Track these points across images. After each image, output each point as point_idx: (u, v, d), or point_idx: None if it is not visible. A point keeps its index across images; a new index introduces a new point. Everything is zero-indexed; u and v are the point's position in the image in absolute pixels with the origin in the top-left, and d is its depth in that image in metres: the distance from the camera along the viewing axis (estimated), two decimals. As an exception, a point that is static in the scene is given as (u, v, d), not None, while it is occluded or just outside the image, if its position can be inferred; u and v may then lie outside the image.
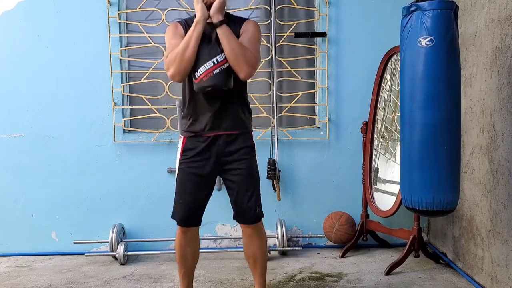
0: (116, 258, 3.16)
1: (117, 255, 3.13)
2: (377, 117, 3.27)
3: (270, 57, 3.36)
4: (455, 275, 2.84)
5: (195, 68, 2.07)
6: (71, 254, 3.36)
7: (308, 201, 3.43)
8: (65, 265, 3.18)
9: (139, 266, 3.12)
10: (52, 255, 3.36)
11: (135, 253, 3.28)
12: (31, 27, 3.30)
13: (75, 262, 3.23)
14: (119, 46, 3.33)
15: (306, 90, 3.46)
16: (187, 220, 2.21)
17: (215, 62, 2.06)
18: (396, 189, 3.02)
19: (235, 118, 2.17)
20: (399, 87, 2.40)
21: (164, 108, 3.39)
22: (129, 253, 3.22)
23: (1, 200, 3.37)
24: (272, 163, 3.27)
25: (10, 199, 3.37)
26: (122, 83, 3.36)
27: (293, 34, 3.33)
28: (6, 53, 3.32)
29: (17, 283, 2.85)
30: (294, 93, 3.42)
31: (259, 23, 3.31)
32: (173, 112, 3.34)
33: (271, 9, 3.32)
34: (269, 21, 3.34)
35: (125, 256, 3.16)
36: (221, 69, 2.06)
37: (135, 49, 3.41)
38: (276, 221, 3.32)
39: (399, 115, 2.33)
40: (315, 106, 3.47)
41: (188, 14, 3.36)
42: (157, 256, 3.29)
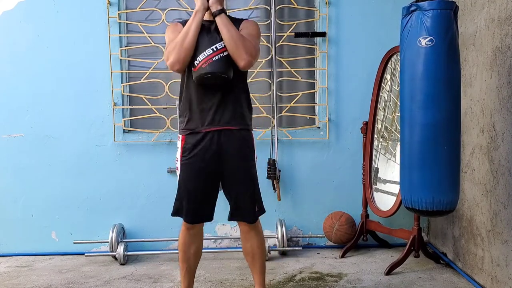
0: (116, 258, 3.16)
1: (117, 255, 3.13)
2: (377, 117, 3.27)
3: (270, 57, 3.36)
4: (455, 275, 2.84)
5: (194, 58, 2.08)
6: (71, 254, 3.36)
7: (308, 201, 3.43)
8: (65, 265, 3.18)
9: (139, 266, 3.12)
10: (52, 255, 3.36)
11: (135, 253, 3.28)
12: (31, 27, 3.30)
13: (75, 262, 3.23)
14: (119, 46, 3.33)
15: (306, 90, 3.46)
16: (194, 216, 2.19)
17: (214, 49, 2.06)
18: (396, 189, 3.02)
19: (235, 113, 2.16)
20: (399, 87, 2.39)
21: (164, 108, 3.39)
22: (129, 253, 3.22)
23: (1, 200, 3.38)
24: (272, 163, 3.27)
25: (10, 199, 3.38)
26: (122, 83, 3.36)
27: (293, 34, 3.33)
28: (6, 53, 3.32)
29: (17, 283, 2.85)
30: (294, 93, 3.42)
31: (259, 23, 3.32)
32: (173, 112, 3.34)
33: (271, 9, 3.32)
34: (269, 21, 3.34)
35: (125, 256, 3.16)
36: (220, 56, 2.06)
37: (135, 49, 3.41)
38: (276, 221, 3.32)
39: (399, 115, 2.33)
40: (315, 106, 3.47)
41: (188, 14, 3.37)
42: (157, 256, 3.29)
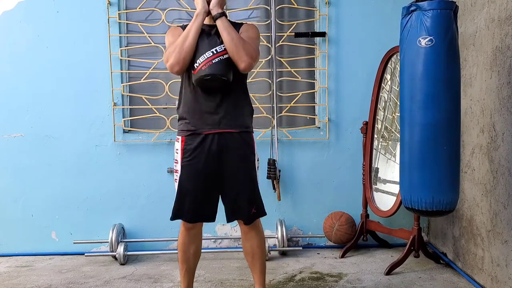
0: (116, 258, 3.16)
1: (117, 255, 3.13)
2: (377, 117, 3.27)
3: (270, 57, 3.36)
4: (455, 275, 2.84)
5: (194, 60, 2.08)
6: (71, 254, 3.36)
7: (308, 201, 3.43)
8: (65, 265, 3.18)
9: (139, 266, 3.12)
10: (52, 255, 3.36)
11: (135, 253, 3.28)
12: (31, 27, 3.30)
13: (75, 262, 3.23)
14: (119, 46, 3.33)
15: (306, 90, 3.46)
16: (193, 215, 2.19)
17: (214, 52, 2.06)
18: (396, 189, 3.02)
19: (235, 116, 2.16)
20: (399, 87, 2.39)
21: (164, 108, 3.40)
22: (129, 253, 3.22)
23: (1, 200, 3.38)
24: (272, 163, 3.27)
25: (10, 199, 3.38)
26: (122, 83, 3.36)
27: (293, 34, 3.32)
28: (6, 53, 3.32)
29: (17, 283, 2.85)
30: (294, 93, 3.42)
31: (259, 23, 3.34)
32: (173, 112, 3.34)
33: (271, 9, 3.32)
34: (269, 21, 3.34)
35: (125, 256, 3.16)
36: (220, 58, 2.06)
37: (135, 49, 3.41)
38: (276, 221, 3.32)
39: (399, 115, 2.33)
40: (315, 106, 3.47)
41: (188, 14, 3.37)
42: (157, 256, 3.29)
